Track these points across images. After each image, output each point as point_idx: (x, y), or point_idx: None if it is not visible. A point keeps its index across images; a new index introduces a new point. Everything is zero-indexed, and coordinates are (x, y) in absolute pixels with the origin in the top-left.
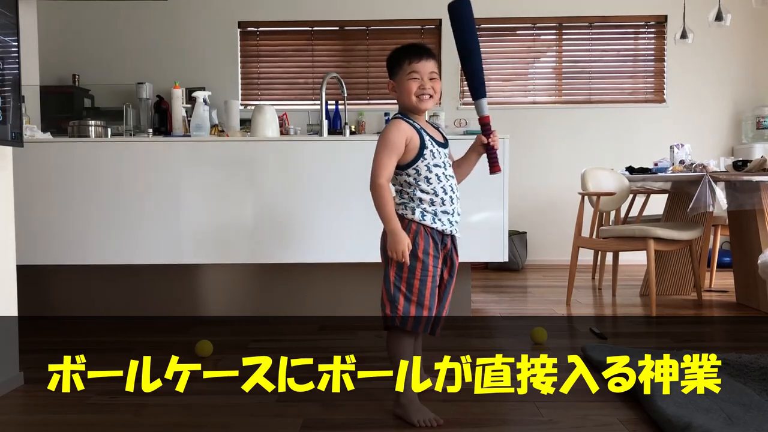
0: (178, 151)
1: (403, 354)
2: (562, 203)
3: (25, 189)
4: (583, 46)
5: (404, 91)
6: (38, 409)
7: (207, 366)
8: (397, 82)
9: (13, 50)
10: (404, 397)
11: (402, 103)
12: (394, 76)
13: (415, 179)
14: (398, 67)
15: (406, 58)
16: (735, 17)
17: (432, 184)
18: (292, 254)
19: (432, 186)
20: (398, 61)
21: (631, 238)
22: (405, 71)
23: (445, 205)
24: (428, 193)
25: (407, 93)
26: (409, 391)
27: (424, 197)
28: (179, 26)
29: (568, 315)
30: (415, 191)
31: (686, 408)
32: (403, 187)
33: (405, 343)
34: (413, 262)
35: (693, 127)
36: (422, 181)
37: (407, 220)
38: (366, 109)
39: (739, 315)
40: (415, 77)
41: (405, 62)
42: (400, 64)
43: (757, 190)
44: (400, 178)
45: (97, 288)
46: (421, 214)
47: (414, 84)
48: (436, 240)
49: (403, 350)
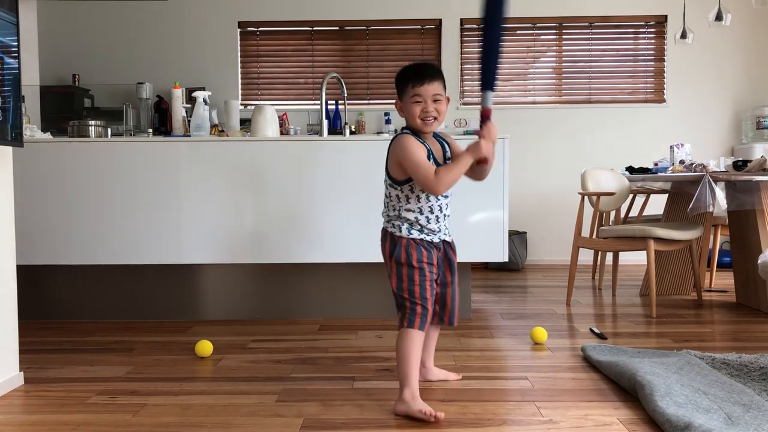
0: (178, 151)
1: (411, 352)
2: (562, 203)
3: (25, 189)
4: (583, 46)
5: (409, 114)
6: (38, 409)
7: (207, 366)
8: (404, 103)
9: (13, 50)
10: (408, 392)
11: (408, 124)
12: (401, 96)
13: (406, 196)
14: (403, 88)
15: (410, 81)
16: (735, 17)
17: (420, 203)
18: (291, 254)
19: (420, 205)
20: (403, 83)
21: (631, 238)
22: (409, 94)
23: (430, 224)
24: (413, 212)
25: (412, 116)
26: (414, 387)
27: (410, 216)
28: (179, 26)
29: (568, 315)
30: (402, 209)
31: (686, 408)
32: (392, 201)
33: (415, 341)
34: (410, 271)
35: (693, 127)
36: (412, 200)
37: (397, 236)
38: (366, 109)
39: (739, 315)
40: (418, 100)
41: (409, 85)
42: (404, 85)
43: (757, 190)
44: (392, 191)
45: (97, 288)
46: (408, 230)
47: (417, 108)
48: (428, 249)
49: (411, 348)
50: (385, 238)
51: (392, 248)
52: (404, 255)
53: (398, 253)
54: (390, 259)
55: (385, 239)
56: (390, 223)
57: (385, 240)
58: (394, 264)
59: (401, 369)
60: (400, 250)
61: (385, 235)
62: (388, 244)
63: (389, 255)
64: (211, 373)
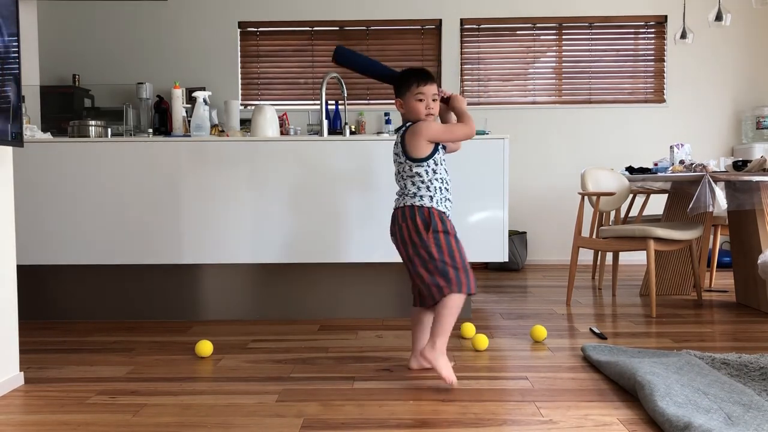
0: (178, 151)
1: (456, 314)
2: (562, 203)
3: (25, 189)
4: (583, 46)
5: (412, 110)
6: (38, 409)
7: (207, 366)
8: (405, 101)
9: (13, 50)
10: (443, 343)
11: (410, 118)
12: (401, 95)
13: (426, 172)
14: (406, 87)
15: (415, 80)
16: (735, 17)
17: (439, 174)
18: (292, 254)
19: (440, 176)
20: (407, 83)
21: (631, 238)
22: (412, 92)
23: (449, 192)
24: (440, 182)
25: (417, 112)
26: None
27: (437, 185)
28: (179, 26)
29: (568, 315)
30: (432, 181)
31: (686, 408)
32: (416, 180)
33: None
34: (447, 238)
35: (693, 127)
36: (436, 173)
37: (426, 208)
38: (366, 109)
39: (739, 315)
40: (420, 98)
41: (413, 84)
42: (408, 85)
43: (757, 190)
44: (417, 168)
45: (97, 288)
46: (437, 202)
47: (421, 105)
48: (444, 219)
49: (457, 311)
50: (414, 215)
51: (425, 220)
52: (440, 224)
53: (434, 223)
54: (427, 231)
55: (414, 216)
56: (419, 196)
57: (413, 216)
58: (431, 235)
59: (445, 325)
60: (435, 220)
61: (413, 211)
62: (419, 219)
63: (424, 227)
64: (212, 373)
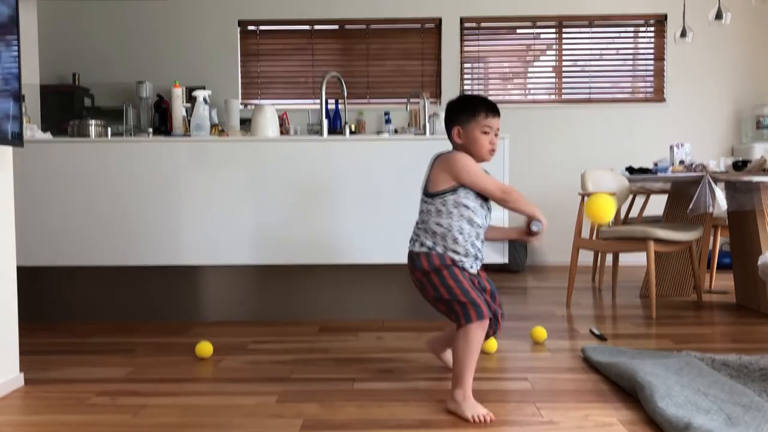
0: (178, 151)
1: (471, 351)
2: (562, 203)
3: (25, 189)
4: (583, 44)
5: (475, 142)
6: (38, 410)
7: (207, 367)
8: (467, 130)
9: (13, 50)
10: (461, 392)
11: (468, 151)
12: (463, 122)
13: (429, 211)
14: (472, 115)
15: (484, 109)
16: (735, 16)
17: (454, 219)
18: (292, 255)
19: (454, 222)
20: (472, 110)
21: (631, 239)
22: (479, 122)
23: (471, 244)
24: (441, 227)
25: (479, 145)
26: (467, 387)
27: (437, 230)
28: (179, 25)
29: (568, 316)
30: (438, 224)
31: (686, 408)
32: (422, 216)
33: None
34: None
35: (693, 126)
36: (441, 214)
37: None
38: (366, 108)
39: (739, 316)
40: (487, 131)
41: (481, 114)
42: (475, 113)
43: (757, 191)
44: (424, 204)
45: (97, 289)
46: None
47: (486, 138)
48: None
49: (472, 348)
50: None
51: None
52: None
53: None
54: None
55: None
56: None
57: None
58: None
59: (459, 367)
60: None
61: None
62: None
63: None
64: (212, 374)
